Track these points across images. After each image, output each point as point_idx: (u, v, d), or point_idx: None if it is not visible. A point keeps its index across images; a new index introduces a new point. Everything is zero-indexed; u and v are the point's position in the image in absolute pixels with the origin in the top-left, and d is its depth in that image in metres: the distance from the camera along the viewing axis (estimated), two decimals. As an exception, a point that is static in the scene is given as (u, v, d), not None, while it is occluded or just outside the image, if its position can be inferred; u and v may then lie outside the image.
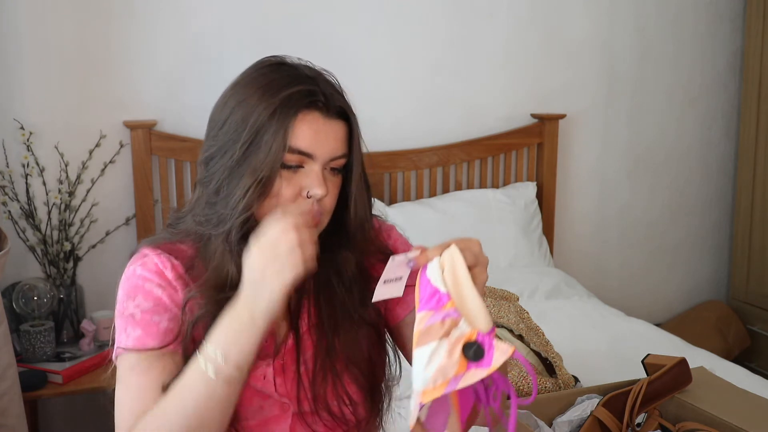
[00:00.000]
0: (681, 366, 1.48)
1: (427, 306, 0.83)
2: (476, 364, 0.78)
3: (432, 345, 0.80)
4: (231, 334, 0.93)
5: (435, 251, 0.87)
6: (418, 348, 0.81)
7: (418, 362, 0.80)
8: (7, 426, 1.96)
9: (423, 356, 0.80)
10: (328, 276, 1.10)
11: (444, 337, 0.80)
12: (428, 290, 0.84)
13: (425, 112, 2.99)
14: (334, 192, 1.07)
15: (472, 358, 0.79)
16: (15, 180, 2.46)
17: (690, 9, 3.35)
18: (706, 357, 2.21)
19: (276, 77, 1.02)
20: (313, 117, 1.01)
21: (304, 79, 1.02)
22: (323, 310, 1.09)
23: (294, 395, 1.06)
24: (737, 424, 1.34)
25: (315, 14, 2.78)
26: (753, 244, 3.36)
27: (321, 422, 1.07)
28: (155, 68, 2.60)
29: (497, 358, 0.78)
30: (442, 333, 0.80)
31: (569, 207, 3.28)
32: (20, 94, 2.48)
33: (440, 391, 0.78)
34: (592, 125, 3.27)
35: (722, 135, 3.53)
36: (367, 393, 1.10)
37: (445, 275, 0.84)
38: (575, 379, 1.83)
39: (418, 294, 0.86)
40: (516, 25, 3.07)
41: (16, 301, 2.35)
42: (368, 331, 1.11)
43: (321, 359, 1.07)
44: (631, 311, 2.98)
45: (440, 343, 0.80)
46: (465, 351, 0.79)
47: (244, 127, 1.00)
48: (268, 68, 1.05)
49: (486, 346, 0.79)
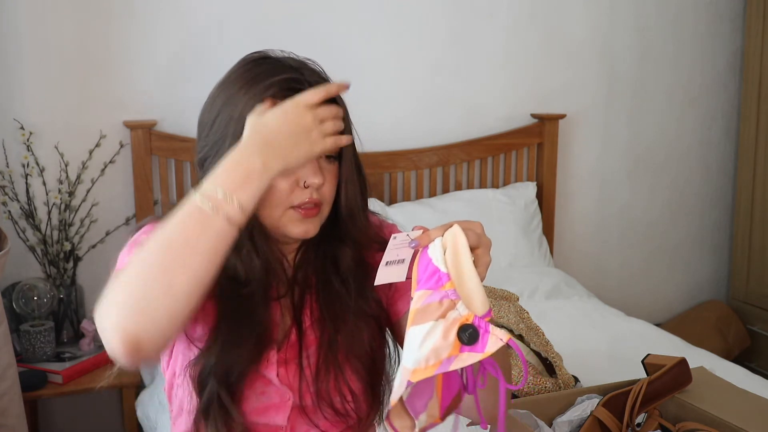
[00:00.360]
0: (681, 366, 1.48)
1: (426, 285, 0.82)
2: (470, 348, 0.78)
3: (428, 325, 0.79)
4: (238, 177, 0.89)
5: (437, 231, 0.86)
6: (413, 326, 0.80)
7: (411, 340, 0.80)
8: (7, 426, 1.96)
9: (418, 335, 0.79)
10: (326, 269, 1.10)
11: (441, 317, 0.79)
12: (428, 269, 0.83)
13: (425, 112, 2.99)
14: (332, 180, 1.07)
15: (466, 341, 0.78)
16: (15, 180, 2.46)
17: (690, 9, 3.35)
18: (706, 357, 2.21)
19: (260, 71, 1.03)
20: None
21: (288, 70, 1.03)
22: (324, 304, 1.09)
23: (296, 388, 1.06)
24: (737, 424, 1.34)
25: (315, 14, 2.78)
26: (753, 244, 3.36)
27: (322, 416, 1.07)
28: (155, 68, 2.60)
29: (491, 343, 0.78)
30: (439, 314, 0.79)
31: (569, 207, 3.28)
32: (20, 94, 2.48)
33: (431, 372, 0.78)
34: (592, 125, 3.27)
35: (722, 135, 3.53)
36: (368, 386, 1.10)
37: (447, 255, 0.83)
38: (575, 379, 1.83)
39: (415, 274, 0.85)
40: (516, 25, 3.07)
41: (16, 301, 2.35)
42: (368, 324, 1.10)
43: (324, 353, 1.07)
44: (631, 311, 2.98)
45: (436, 324, 0.79)
46: (460, 334, 0.78)
47: (233, 123, 1.01)
48: (252, 63, 1.05)
49: (482, 331, 0.79)
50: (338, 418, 1.07)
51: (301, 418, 1.07)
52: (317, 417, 1.07)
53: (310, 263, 1.12)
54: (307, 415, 1.07)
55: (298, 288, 1.10)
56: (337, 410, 1.07)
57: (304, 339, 1.08)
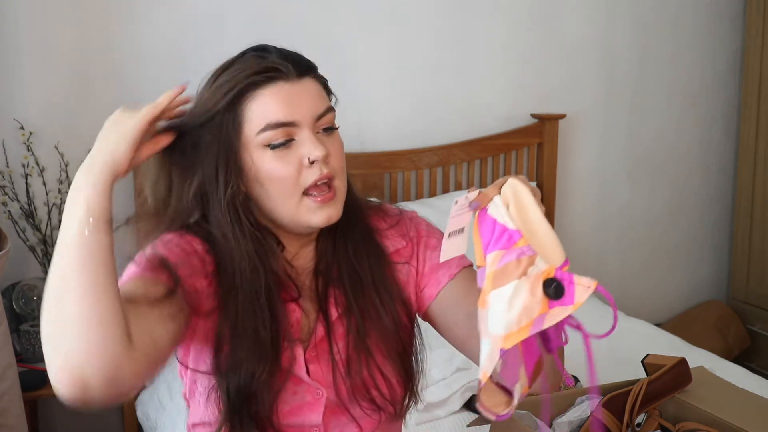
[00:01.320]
0: (681, 366, 1.48)
1: (497, 245, 0.77)
2: (559, 302, 0.74)
3: (512, 285, 0.75)
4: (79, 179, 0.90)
5: (493, 190, 0.81)
6: (495, 290, 0.76)
7: (497, 305, 0.75)
8: (7, 426, 1.96)
9: (503, 297, 0.75)
10: (347, 255, 1.09)
11: (523, 275, 0.75)
12: (496, 230, 0.77)
13: (425, 112, 2.99)
14: (337, 150, 1.05)
15: (553, 296, 0.74)
16: (15, 180, 2.46)
17: (690, 9, 3.35)
18: (706, 357, 2.21)
19: (227, 73, 1.04)
20: (276, 87, 1.01)
21: (252, 63, 1.03)
22: (350, 291, 1.08)
23: (329, 382, 1.05)
24: (737, 424, 1.34)
25: (315, 14, 2.77)
26: (753, 244, 3.36)
27: (359, 408, 1.06)
28: (155, 68, 2.60)
29: (580, 293, 0.74)
30: (520, 272, 0.75)
31: (569, 207, 3.28)
32: (20, 94, 2.48)
33: (525, 333, 0.74)
34: (592, 125, 3.27)
35: (722, 135, 3.53)
36: (401, 370, 1.09)
37: (511, 210, 0.79)
38: (575, 379, 1.83)
39: (479, 239, 0.80)
40: (516, 25, 3.07)
41: (16, 301, 2.35)
42: (393, 308, 1.09)
43: (353, 340, 1.06)
44: (631, 311, 2.98)
45: (520, 283, 0.75)
46: (546, 289, 0.74)
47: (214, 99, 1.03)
48: (220, 70, 1.06)
49: (566, 282, 0.74)
50: (374, 408, 1.06)
51: (336, 414, 1.06)
52: (354, 409, 1.06)
53: (330, 253, 1.10)
54: (345, 407, 1.05)
55: (322, 279, 1.09)
56: (374, 398, 1.05)
57: (333, 332, 1.07)
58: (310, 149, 1.00)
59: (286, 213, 1.03)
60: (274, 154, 1.00)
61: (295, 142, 1.01)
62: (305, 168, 1.01)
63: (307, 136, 1.01)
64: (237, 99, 1.01)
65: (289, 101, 1.00)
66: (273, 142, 1.00)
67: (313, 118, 1.02)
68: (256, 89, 1.01)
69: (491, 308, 0.76)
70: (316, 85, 1.04)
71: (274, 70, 1.01)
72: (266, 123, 1.00)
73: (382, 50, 2.90)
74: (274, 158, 1.00)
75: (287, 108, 1.00)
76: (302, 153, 1.01)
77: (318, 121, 1.03)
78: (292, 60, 1.03)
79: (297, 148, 1.01)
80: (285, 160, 1.00)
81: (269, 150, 1.00)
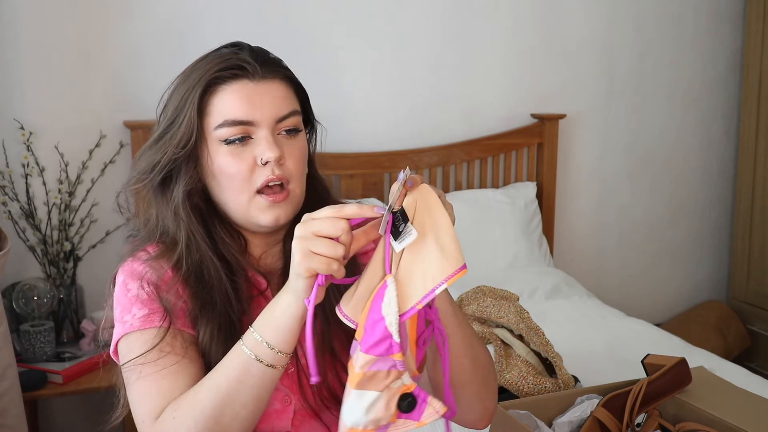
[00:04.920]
0: (681, 366, 1.48)
1: (375, 350, 0.81)
2: (407, 415, 0.81)
3: (374, 395, 0.81)
4: (271, 319, 0.92)
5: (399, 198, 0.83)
6: (358, 390, 0.82)
7: (357, 403, 0.82)
8: (7, 426, 1.96)
9: (364, 401, 0.81)
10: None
11: (386, 389, 0.81)
12: (378, 330, 0.81)
13: (425, 112, 2.99)
14: (296, 154, 1.04)
15: (404, 409, 0.81)
16: (15, 180, 2.46)
17: (690, 9, 3.35)
18: (706, 357, 2.21)
19: (198, 65, 1.06)
20: (239, 85, 1.01)
21: (221, 58, 1.03)
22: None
23: (296, 388, 1.05)
24: (737, 424, 1.34)
25: (315, 14, 2.78)
26: (753, 244, 3.36)
27: (329, 413, 1.05)
28: (155, 68, 2.60)
29: (427, 414, 0.81)
30: (385, 385, 0.81)
31: (569, 207, 3.28)
32: (20, 94, 2.48)
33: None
34: (592, 125, 3.27)
35: (722, 135, 3.53)
36: None
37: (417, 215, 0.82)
38: (575, 379, 1.83)
39: (364, 320, 0.83)
40: (516, 25, 3.07)
41: (16, 301, 2.35)
42: None
43: (318, 342, 1.04)
44: (631, 311, 2.98)
45: (381, 396, 0.81)
46: (400, 402, 0.81)
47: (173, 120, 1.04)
48: (195, 62, 1.08)
49: (420, 400, 0.81)
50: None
51: (307, 420, 1.05)
52: (325, 415, 1.05)
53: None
54: (315, 413, 1.05)
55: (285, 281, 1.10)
56: (340, 400, 1.05)
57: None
58: (264, 150, 1.00)
59: (238, 208, 1.04)
60: (229, 150, 1.01)
61: (252, 140, 1.02)
62: (258, 168, 1.01)
63: (263, 136, 1.01)
64: (202, 92, 1.02)
65: (249, 100, 1.01)
66: (228, 138, 1.01)
67: (273, 119, 1.02)
68: (221, 85, 1.02)
69: (348, 400, 0.83)
70: (282, 86, 1.04)
71: (239, 68, 1.02)
72: (224, 119, 1.01)
73: (383, 50, 2.90)
74: (228, 154, 1.01)
75: (247, 107, 1.01)
76: (256, 153, 1.01)
77: (279, 123, 1.03)
78: (262, 60, 1.03)
79: (253, 147, 1.02)
80: (239, 157, 1.01)
81: (224, 145, 1.02)
